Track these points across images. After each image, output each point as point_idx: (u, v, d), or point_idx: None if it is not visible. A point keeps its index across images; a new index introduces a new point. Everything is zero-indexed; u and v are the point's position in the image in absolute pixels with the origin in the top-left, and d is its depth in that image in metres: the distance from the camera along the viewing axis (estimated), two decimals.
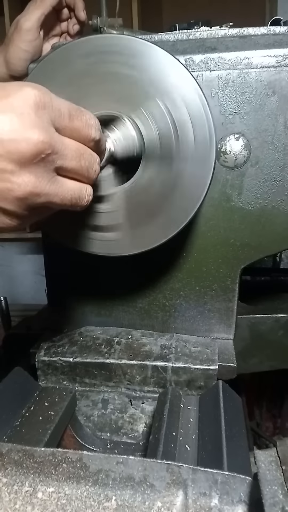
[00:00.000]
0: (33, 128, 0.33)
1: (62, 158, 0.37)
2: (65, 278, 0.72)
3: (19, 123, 0.33)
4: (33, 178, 0.34)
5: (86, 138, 0.39)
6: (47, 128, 0.34)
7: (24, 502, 0.36)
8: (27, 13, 0.70)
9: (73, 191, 0.39)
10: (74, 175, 0.39)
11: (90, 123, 0.39)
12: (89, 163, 0.40)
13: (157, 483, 0.35)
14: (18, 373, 0.60)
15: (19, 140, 0.33)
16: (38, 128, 0.33)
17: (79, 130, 0.38)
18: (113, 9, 0.89)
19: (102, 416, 0.61)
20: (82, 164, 0.39)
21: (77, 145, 0.39)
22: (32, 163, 0.34)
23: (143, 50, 0.51)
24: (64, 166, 0.37)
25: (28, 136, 0.33)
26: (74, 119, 0.38)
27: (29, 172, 0.34)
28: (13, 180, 0.34)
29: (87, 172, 0.40)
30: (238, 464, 0.44)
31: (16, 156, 0.33)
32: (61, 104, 0.36)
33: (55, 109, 0.35)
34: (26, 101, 0.33)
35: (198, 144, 0.51)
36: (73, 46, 0.52)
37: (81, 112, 0.39)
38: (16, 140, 0.33)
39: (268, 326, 0.73)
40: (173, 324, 0.70)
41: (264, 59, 0.56)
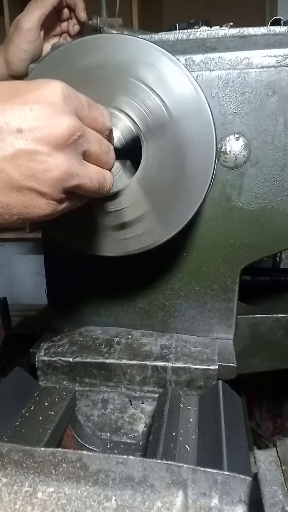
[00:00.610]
0: (64, 114, 0.36)
1: (88, 142, 0.39)
2: (65, 278, 0.72)
3: (51, 110, 0.36)
4: (67, 159, 0.37)
5: (103, 127, 0.42)
6: (74, 115, 0.38)
7: (24, 502, 0.36)
8: (28, 13, 0.70)
9: (99, 173, 0.42)
10: (96, 160, 0.42)
11: (105, 113, 0.43)
12: (107, 149, 0.43)
13: (157, 483, 0.35)
14: (18, 373, 0.60)
15: (53, 124, 0.36)
16: (68, 114, 0.37)
17: (97, 119, 0.41)
18: (113, 9, 0.89)
19: (102, 416, 0.61)
20: (103, 149, 0.42)
21: (96, 132, 0.42)
22: (65, 145, 0.37)
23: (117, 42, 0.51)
24: (89, 150, 0.40)
25: (61, 121, 0.36)
26: (93, 109, 0.41)
27: (63, 154, 0.37)
28: (50, 162, 0.36)
29: (107, 157, 0.43)
30: (238, 464, 0.44)
31: (51, 139, 0.36)
32: (81, 96, 0.40)
33: (77, 100, 0.39)
34: (55, 92, 0.36)
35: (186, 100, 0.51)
36: (73, 46, 0.53)
37: (97, 104, 0.42)
38: (51, 125, 0.36)
39: (268, 326, 0.73)
40: (173, 324, 0.70)
41: (264, 59, 0.56)
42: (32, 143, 0.35)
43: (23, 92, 0.36)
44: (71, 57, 0.52)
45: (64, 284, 0.73)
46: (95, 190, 0.42)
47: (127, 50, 0.51)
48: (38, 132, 0.35)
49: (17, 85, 0.37)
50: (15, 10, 2.24)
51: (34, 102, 0.36)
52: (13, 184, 0.36)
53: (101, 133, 0.42)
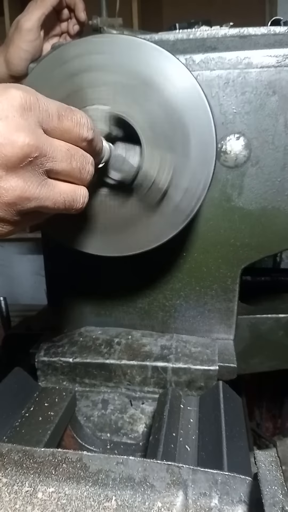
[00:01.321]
0: (19, 131, 0.32)
1: (51, 160, 0.35)
2: (65, 278, 0.72)
3: (3, 126, 0.32)
4: (21, 182, 0.33)
5: (78, 138, 0.38)
6: (34, 130, 0.34)
7: (24, 502, 0.36)
8: (28, 13, 0.70)
9: (66, 193, 0.38)
10: (66, 177, 0.38)
11: (82, 122, 0.38)
12: (81, 164, 0.39)
13: (157, 484, 0.35)
14: (18, 373, 0.60)
15: (4, 144, 0.32)
16: (24, 131, 0.32)
17: (70, 131, 0.37)
18: (113, 9, 0.89)
19: (102, 416, 0.61)
20: (74, 165, 0.38)
21: (68, 146, 0.37)
22: (19, 167, 0.33)
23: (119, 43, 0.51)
24: (54, 169, 0.36)
25: (14, 139, 0.32)
26: (64, 119, 0.37)
27: (16, 177, 0.33)
28: (1, 185, 0.33)
29: (80, 173, 0.39)
30: (238, 464, 0.44)
31: (1, 161, 0.32)
32: (49, 105, 0.35)
33: (42, 110, 0.34)
34: (11, 104, 0.32)
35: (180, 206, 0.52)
36: (72, 46, 0.52)
37: (71, 112, 0.37)
38: (1, 144, 0.32)
39: (268, 326, 0.73)
40: (173, 324, 0.70)
41: (264, 59, 0.56)
42: None
43: None
44: (71, 57, 0.52)
45: (64, 284, 0.73)
46: (61, 211, 0.38)
47: (128, 52, 0.51)
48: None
49: None
50: (15, 10, 2.24)
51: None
52: None
53: (77, 144, 0.38)
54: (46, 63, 0.53)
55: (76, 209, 0.40)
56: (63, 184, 0.38)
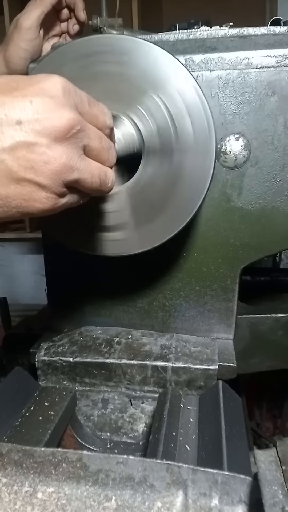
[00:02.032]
0: (64, 107, 0.37)
1: (88, 137, 0.40)
2: (65, 278, 0.72)
3: (51, 103, 0.36)
4: (66, 152, 0.37)
5: (103, 124, 0.42)
6: (74, 109, 0.38)
7: (24, 502, 0.36)
8: (27, 11, 0.70)
9: (100, 169, 0.42)
10: (96, 157, 0.42)
11: (105, 111, 0.43)
12: (108, 145, 0.43)
13: (157, 483, 0.35)
14: (18, 373, 0.60)
15: (53, 117, 0.36)
16: (68, 107, 0.37)
17: (97, 117, 0.41)
18: (113, 9, 0.89)
19: (102, 416, 0.61)
20: (104, 145, 0.42)
21: (96, 129, 0.42)
22: (64, 138, 0.37)
23: (131, 46, 0.51)
24: (90, 145, 0.40)
25: (60, 114, 0.36)
26: (93, 106, 0.41)
27: (62, 147, 0.37)
28: (49, 153, 0.36)
29: (107, 153, 0.43)
30: (238, 464, 0.44)
31: (51, 131, 0.36)
32: (81, 92, 0.40)
33: (77, 95, 0.39)
34: (55, 86, 0.37)
35: (197, 134, 0.51)
36: (72, 46, 0.52)
37: (97, 102, 0.42)
38: (51, 118, 0.36)
39: (268, 326, 0.73)
40: (173, 324, 0.70)
41: (264, 59, 0.56)
42: (31, 135, 0.35)
43: (23, 86, 0.36)
44: (71, 57, 0.52)
45: (64, 284, 0.73)
46: (96, 186, 0.42)
47: (143, 55, 0.51)
48: (37, 124, 0.36)
49: (18, 79, 0.37)
50: (15, 10, 2.24)
51: (34, 95, 0.36)
52: (12, 176, 0.36)
53: (102, 130, 0.42)
54: (46, 63, 0.53)
55: (108, 187, 0.44)
56: (95, 162, 0.42)
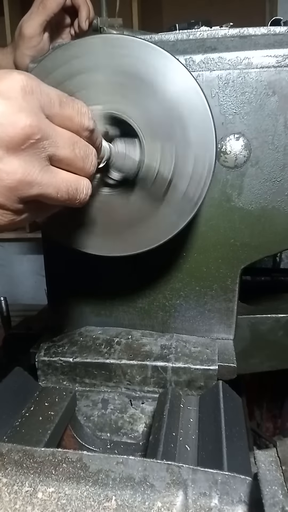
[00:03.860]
0: (21, 112, 0.32)
1: (54, 145, 0.34)
2: (65, 278, 0.72)
3: (5, 107, 0.31)
4: (23, 165, 0.32)
5: (79, 127, 0.37)
6: (36, 113, 0.33)
7: (24, 502, 0.36)
8: (30, 19, 0.69)
9: (69, 182, 0.37)
10: (68, 166, 0.37)
11: (83, 111, 0.37)
12: (84, 153, 0.37)
13: (157, 483, 0.35)
14: (18, 373, 0.60)
15: (6, 124, 0.31)
16: (26, 112, 0.32)
17: (71, 118, 0.36)
18: (113, 9, 0.89)
19: (102, 416, 0.61)
20: (77, 153, 0.37)
21: (70, 134, 0.36)
22: (20, 148, 0.32)
23: (133, 47, 0.50)
24: (56, 155, 0.35)
25: (15, 119, 0.31)
26: (65, 106, 0.36)
27: (17, 159, 0.32)
28: (1, 168, 0.32)
29: (83, 162, 0.37)
30: (238, 464, 0.44)
31: (2, 141, 0.31)
32: (50, 91, 0.35)
33: (44, 95, 0.34)
34: (13, 86, 0.32)
35: (184, 200, 0.51)
36: (73, 47, 0.52)
37: (72, 100, 0.37)
38: (2, 124, 0.31)
39: (268, 326, 0.73)
40: (173, 324, 0.70)
41: (264, 59, 0.56)
42: None
43: None
44: (71, 57, 0.52)
45: (64, 284, 0.73)
46: (64, 201, 0.37)
47: (128, 52, 0.51)
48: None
49: None
50: (15, 10, 2.24)
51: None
52: None
53: (78, 134, 0.37)
54: (45, 63, 0.53)
55: (80, 200, 0.39)
56: (66, 172, 0.37)
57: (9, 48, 0.76)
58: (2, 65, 0.77)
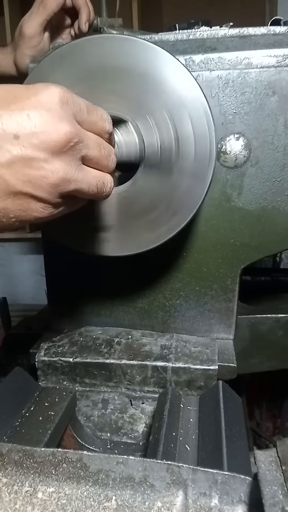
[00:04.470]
0: (61, 120, 0.37)
1: (86, 147, 0.40)
2: (65, 278, 0.72)
3: (48, 116, 0.36)
4: (64, 165, 0.37)
5: (102, 130, 0.42)
6: (72, 120, 0.38)
7: (24, 502, 0.36)
8: (30, 19, 0.70)
9: (98, 178, 0.42)
10: (95, 164, 0.42)
11: (104, 117, 0.43)
12: (107, 152, 0.43)
13: (157, 483, 0.35)
14: (18, 373, 0.60)
15: (50, 131, 0.36)
16: (65, 120, 0.37)
17: (96, 123, 0.41)
18: (113, 9, 0.89)
19: (102, 416, 0.61)
20: (103, 153, 0.42)
21: (96, 136, 0.42)
22: (62, 151, 0.37)
23: (134, 47, 0.51)
24: (88, 155, 0.40)
25: (58, 127, 0.36)
26: (91, 113, 0.41)
27: (60, 160, 0.37)
28: (47, 168, 0.37)
29: (107, 160, 0.43)
30: (238, 464, 0.44)
31: (48, 146, 0.36)
32: (80, 100, 0.40)
33: (76, 105, 0.39)
34: (52, 98, 0.37)
35: (197, 161, 0.51)
36: (72, 47, 0.52)
37: (96, 108, 0.42)
38: (48, 132, 0.36)
39: (268, 326, 0.73)
40: (173, 324, 0.70)
41: (264, 59, 0.56)
42: (28, 149, 0.36)
43: (20, 99, 0.36)
44: (70, 57, 0.52)
45: (64, 284, 0.73)
46: (93, 194, 0.42)
47: (128, 52, 0.51)
48: (35, 138, 0.36)
49: (15, 90, 0.37)
50: (15, 10, 2.24)
51: (32, 108, 0.36)
52: (10, 190, 0.37)
53: (101, 136, 0.43)
54: (45, 63, 0.53)
55: (106, 194, 0.44)
56: (94, 170, 0.42)
57: (9, 48, 0.76)
58: (2, 64, 0.78)
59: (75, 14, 0.74)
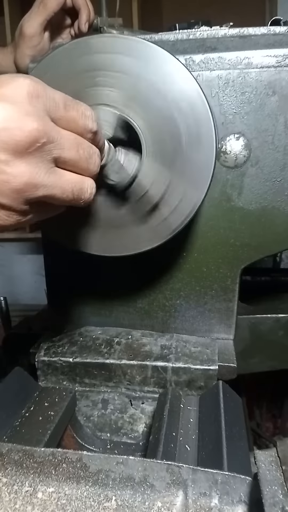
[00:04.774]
0: (27, 116, 0.32)
1: (59, 148, 0.35)
2: (65, 278, 0.72)
3: (12, 112, 0.32)
4: (29, 168, 0.33)
5: (83, 129, 0.38)
6: (42, 117, 0.34)
7: (24, 502, 0.36)
8: (30, 18, 0.70)
9: (74, 183, 0.38)
10: (73, 167, 0.38)
11: (86, 114, 0.38)
12: (88, 154, 0.38)
13: (157, 483, 0.35)
14: (18, 373, 0.60)
15: (13, 128, 0.32)
16: (32, 116, 0.32)
17: (76, 121, 0.37)
18: (113, 9, 0.89)
19: (102, 416, 0.61)
20: (81, 154, 0.37)
21: (74, 136, 0.37)
22: (27, 152, 0.33)
23: (135, 47, 0.50)
24: (62, 157, 0.36)
25: (22, 124, 0.32)
26: (70, 109, 0.37)
27: (24, 162, 0.33)
28: (8, 171, 0.32)
29: (87, 163, 0.38)
30: (238, 464, 0.44)
31: (10, 145, 0.32)
32: (55, 94, 0.36)
33: (49, 99, 0.35)
34: (19, 91, 0.32)
35: (198, 161, 0.51)
36: (72, 47, 0.52)
37: (76, 103, 0.38)
38: (10, 129, 0.32)
39: (268, 326, 0.73)
40: (173, 324, 0.70)
41: (264, 59, 0.56)
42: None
43: None
44: (70, 57, 0.52)
45: (64, 284, 0.73)
46: (69, 201, 0.38)
47: (126, 51, 0.51)
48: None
49: None
50: (15, 10, 2.24)
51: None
52: None
53: (82, 136, 0.38)
54: (45, 63, 0.53)
55: (85, 200, 0.40)
56: (70, 173, 0.38)
57: (9, 48, 0.76)
58: (3, 64, 0.78)
59: (75, 14, 0.74)
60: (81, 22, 0.73)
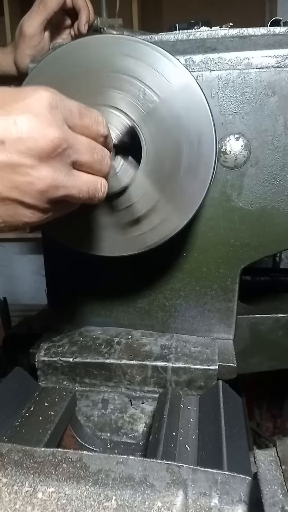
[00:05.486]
0: (49, 126, 0.36)
1: (77, 153, 0.39)
2: (65, 278, 0.72)
3: (36, 122, 0.35)
4: (52, 172, 0.37)
5: (96, 134, 0.41)
6: (61, 126, 0.37)
7: (24, 502, 0.36)
8: (30, 18, 0.70)
9: (89, 183, 0.41)
10: (88, 169, 0.41)
11: (99, 120, 0.42)
12: (101, 156, 0.42)
13: (157, 483, 0.36)
14: (18, 373, 0.60)
15: (38, 137, 0.35)
16: (53, 126, 0.36)
17: (89, 127, 0.41)
18: (113, 9, 0.89)
19: (102, 416, 0.61)
20: (95, 157, 0.41)
21: (89, 140, 0.41)
22: (50, 157, 0.36)
23: (133, 48, 0.50)
24: (79, 160, 0.40)
25: (45, 133, 0.36)
26: (84, 117, 0.40)
27: (47, 166, 0.37)
28: (34, 174, 0.36)
29: (100, 165, 0.42)
30: (238, 464, 0.44)
31: (35, 152, 0.35)
32: (71, 104, 0.39)
33: (66, 109, 0.38)
34: (41, 102, 0.36)
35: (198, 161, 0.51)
36: (71, 47, 0.52)
37: (90, 111, 0.41)
38: (35, 137, 0.35)
39: (268, 326, 0.73)
40: (173, 324, 0.70)
41: (264, 59, 0.57)
42: (14, 155, 0.35)
43: (8, 103, 0.35)
44: (70, 57, 0.52)
45: (64, 284, 0.73)
46: (85, 199, 0.42)
47: (128, 53, 0.51)
48: (21, 144, 0.35)
49: (2, 94, 0.36)
50: (15, 10, 2.24)
51: (19, 113, 0.35)
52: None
53: (95, 140, 0.42)
54: (44, 63, 0.53)
55: (99, 198, 0.43)
56: (86, 175, 0.41)
57: (9, 48, 0.76)
58: (3, 64, 0.78)
59: (75, 15, 0.74)
60: (80, 23, 0.73)
